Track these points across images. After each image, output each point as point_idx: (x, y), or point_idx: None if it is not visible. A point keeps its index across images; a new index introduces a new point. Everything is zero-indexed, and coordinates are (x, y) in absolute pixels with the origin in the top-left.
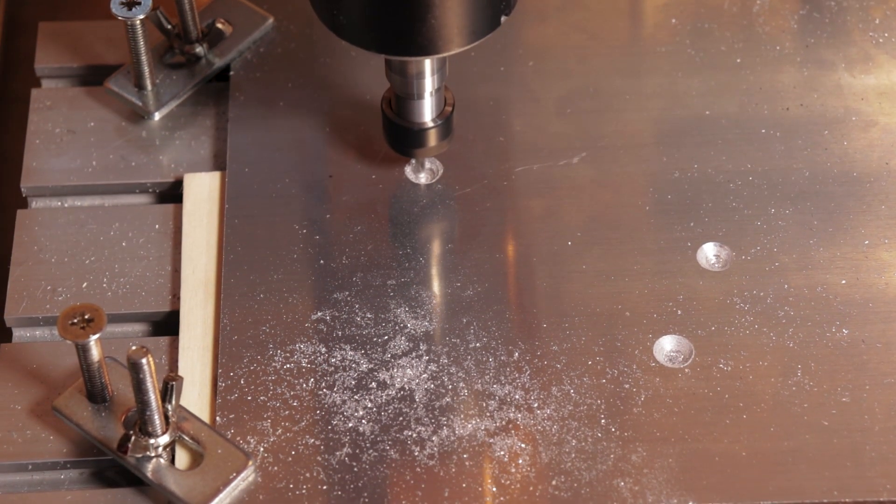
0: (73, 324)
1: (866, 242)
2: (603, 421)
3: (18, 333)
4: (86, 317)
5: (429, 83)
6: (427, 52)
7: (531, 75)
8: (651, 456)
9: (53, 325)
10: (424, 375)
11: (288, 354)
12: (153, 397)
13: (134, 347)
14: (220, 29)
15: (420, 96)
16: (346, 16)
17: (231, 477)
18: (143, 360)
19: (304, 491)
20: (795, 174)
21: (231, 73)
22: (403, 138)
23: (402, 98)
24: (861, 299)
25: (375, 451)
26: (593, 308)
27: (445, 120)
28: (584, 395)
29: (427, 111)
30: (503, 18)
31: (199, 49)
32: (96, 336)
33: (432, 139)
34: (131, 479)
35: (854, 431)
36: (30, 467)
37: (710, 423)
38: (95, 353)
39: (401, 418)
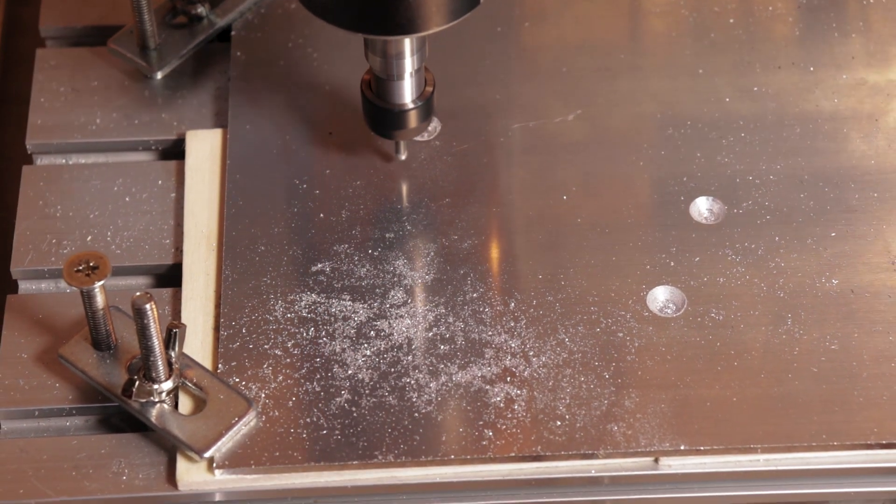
0: (78, 271)
1: (856, 196)
2: (597, 368)
3: (24, 286)
4: (91, 264)
5: (408, 63)
6: (406, 31)
7: (528, 35)
8: (644, 401)
9: (58, 278)
10: (422, 325)
11: (289, 304)
12: (157, 343)
13: (138, 294)
14: None
15: (400, 77)
16: None
17: (233, 421)
18: (147, 306)
19: (304, 435)
20: (787, 130)
21: (232, 33)
22: (384, 120)
23: (381, 79)
24: (850, 251)
25: (374, 398)
26: (588, 260)
27: (426, 101)
28: (578, 343)
29: (407, 92)
30: None
31: (200, 9)
32: (101, 283)
33: (413, 120)
34: (136, 425)
35: (843, 378)
36: (36, 413)
37: (701, 370)
38: (100, 300)
39: (399, 366)
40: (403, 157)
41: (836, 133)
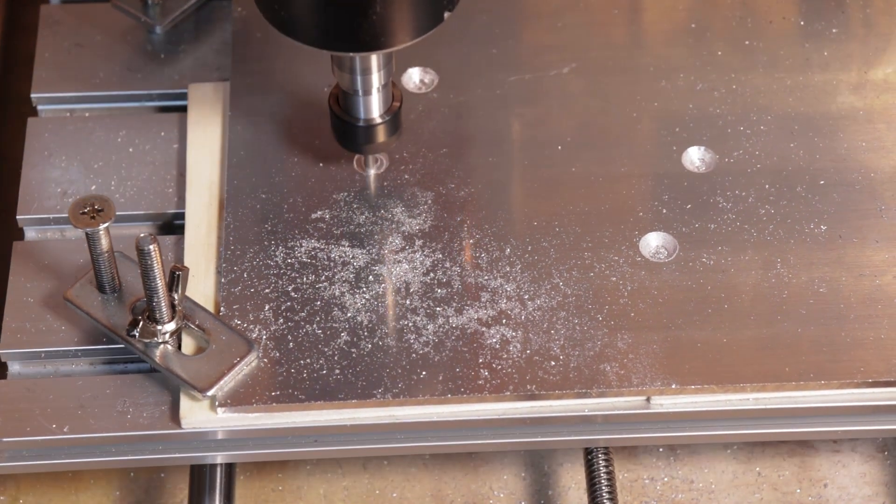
0: (83, 213)
1: (845, 146)
2: (590, 311)
3: (30, 233)
4: (96, 207)
5: (375, 79)
6: (370, 48)
7: None
8: (636, 343)
9: (63, 225)
10: (420, 269)
11: (289, 250)
12: (160, 284)
13: (142, 235)
14: None
15: (367, 92)
16: (287, 12)
17: (235, 362)
18: (150, 246)
19: (304, 375)
20: (777, 83)
21: None
22: (351, 134)
23: (348, 94)
24: (839, 197)
25: (373, 340)
26: (582, 207)
27: (393, 116)
28: (572, 287)
29: (374, 107)
30: (447, 14)
31: None
32: (106, 225)
33: (380, 135)
34: (140, 367)
35: (830, 319)
36: (43, 355)
37: (692, 312)
38: (105, 242)
39: (397, 309)
40: (372, 171)
41: (826, 85)
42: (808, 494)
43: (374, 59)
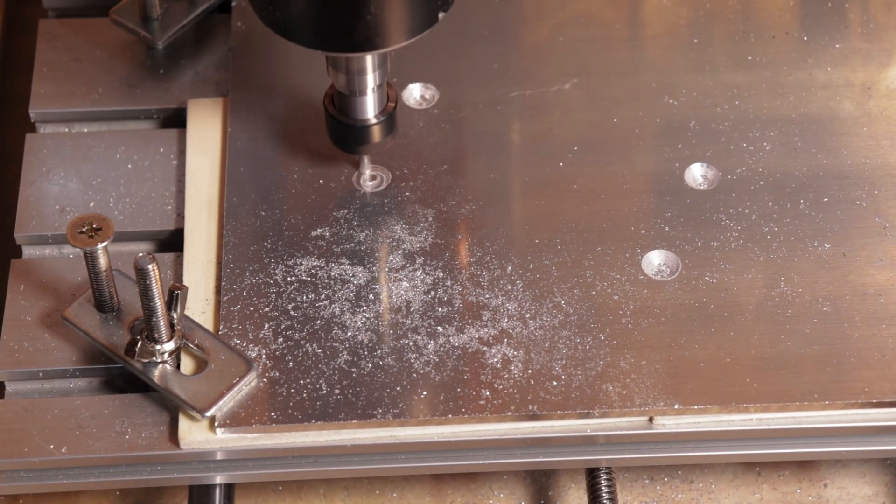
0: (81, 232)
1: (848, 162)
2: (592, 330)
3: (28, 251)
4: (94, 226)
5: (370, 79)
6: (364, 48)
7: (525, 5)
8: (639, 362)
9: (62, 243)
10: (421, 288)
11: (289, 268)
12: (159, 303)
13: (141, 254)
14: None
15: (362, 93)
16: (282, 13)
17: (234, 381)
18: (149, 266)
19: (304, 395)
20: (780, 98)
21: (233, 3)
22: (347, 135)
23: (344, 95)
24: (843, 215)
25: (373, 359)
26: (584, 225)
27: (388, 116)
28: (574, 305)
29: (369, 108)
30: (441, 15)
31: None
32: (104, 244)
33: (376, 135)
34: (139, 386)
35: (834, 339)
36: (40, 375)
37: (695, 331)
38: (103, 261)
39: (398, 328)
40: (367, 171)
41: (829, 101)
42: (808, 494)
43: (369, 60)
